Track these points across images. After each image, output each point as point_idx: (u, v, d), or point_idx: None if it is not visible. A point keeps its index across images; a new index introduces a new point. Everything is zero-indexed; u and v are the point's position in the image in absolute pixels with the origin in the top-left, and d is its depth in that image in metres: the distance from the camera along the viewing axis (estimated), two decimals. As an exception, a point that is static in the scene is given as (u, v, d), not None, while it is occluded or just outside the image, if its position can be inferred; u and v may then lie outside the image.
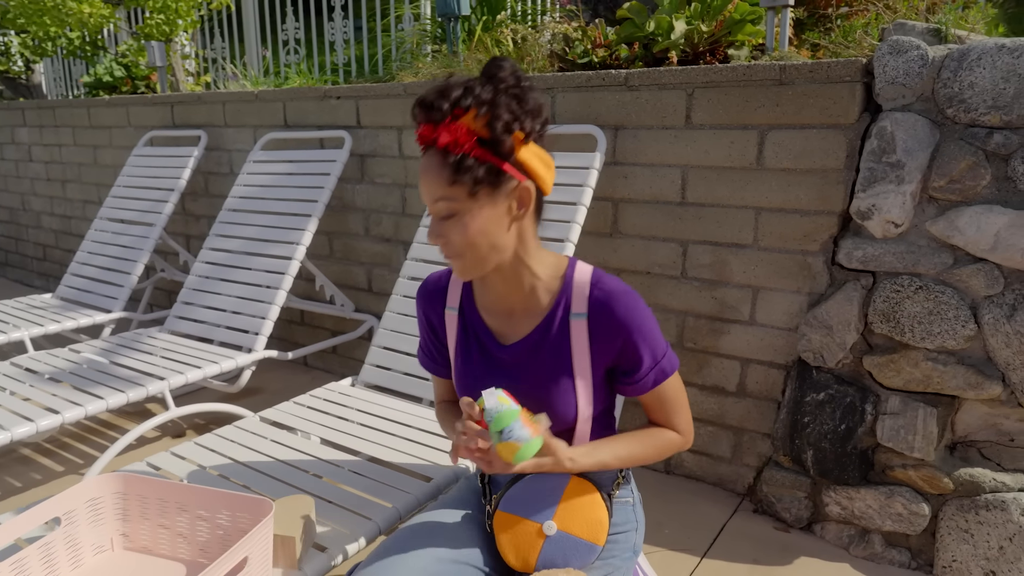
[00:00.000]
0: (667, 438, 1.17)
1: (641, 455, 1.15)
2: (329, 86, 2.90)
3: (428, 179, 1.03)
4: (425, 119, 1.01)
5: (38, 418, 1.86)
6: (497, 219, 1.04)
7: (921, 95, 1.70)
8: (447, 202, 1.02)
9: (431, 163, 1.02)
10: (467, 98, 0.99)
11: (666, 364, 1.13)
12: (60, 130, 4.26)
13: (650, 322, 1.11)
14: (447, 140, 0.99)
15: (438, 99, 0.99)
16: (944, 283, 1.69)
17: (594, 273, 1.13)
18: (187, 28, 4.32)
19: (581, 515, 1.13)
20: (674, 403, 1.17)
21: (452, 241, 1.05)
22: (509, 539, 1.15)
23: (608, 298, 1.10)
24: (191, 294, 2.75)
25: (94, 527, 1.24)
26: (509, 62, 1.03)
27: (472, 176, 1.00)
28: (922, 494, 1.78)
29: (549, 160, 1.09)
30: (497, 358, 1.17)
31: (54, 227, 4.54)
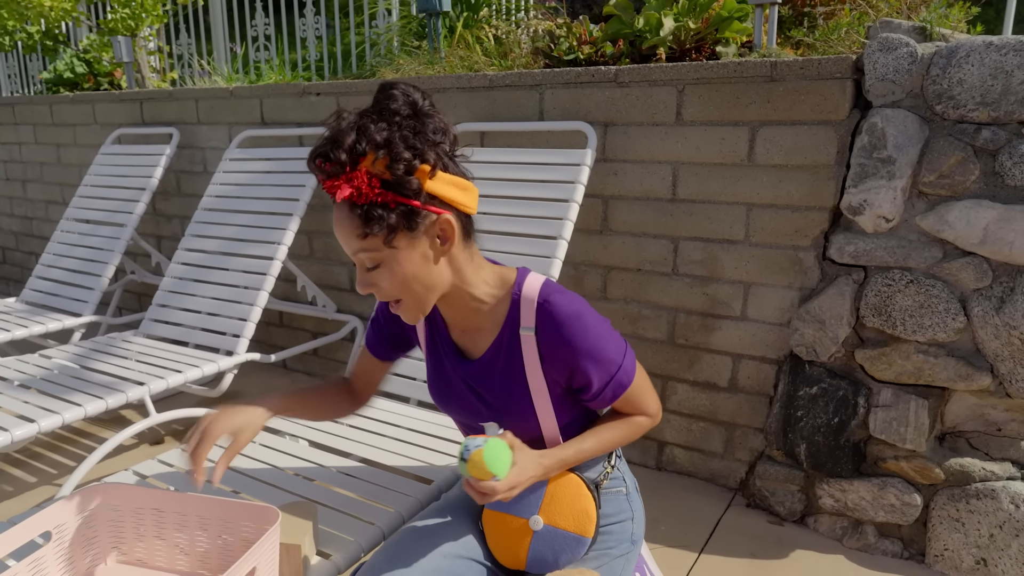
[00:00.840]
0: (636, 423, 1.17)
1: (611, 444, 1.15)
2: (308, 83, 2.84)
3: (341, 232, 0.98)
4: (323, 174, 0.94)
5: (12, 427, 1.78)
6: (423, 259, 1.00)
7: (911, 92, 1.72)
8: (366, 253, 0.98)
9: (340, 215, 0.96)
10: (361, 142, 0.92)
11: (622, 376, 1.10)
12: (20, 128, 4.10)
13: (600, 342, 1.07)
14: (348, 192, 0.93)
15: (333, 149, 0.92)
16: (934, 277, 1.72)
17: (543, 288, 1.08)
18: (153, 23, 4.20)
19: (567, 508, 1.13)
20: (638, 397, 1.15)
21: (383, 289, 1.01)
22: (498, 537, 1.15)
23: (555, 322, 1.05)
24: (167, 296, 2.67)
25: (87, 541, 1.19)
26: (401, 87, 0.97)
27: (385, 224, 0.95)
28: (914, 485, 1.80)
29: (465, 183, 1.02)
30: (462, 372, 1.16)
31: (14, 228, 4.37)
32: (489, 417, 1.15)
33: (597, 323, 1.08)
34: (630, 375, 1.11)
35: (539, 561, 1.13)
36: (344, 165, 0.92)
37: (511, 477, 1.00)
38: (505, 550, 1.14)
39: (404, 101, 0.95)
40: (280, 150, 2.82)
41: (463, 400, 1.17)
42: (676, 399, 2.20)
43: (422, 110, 0.97)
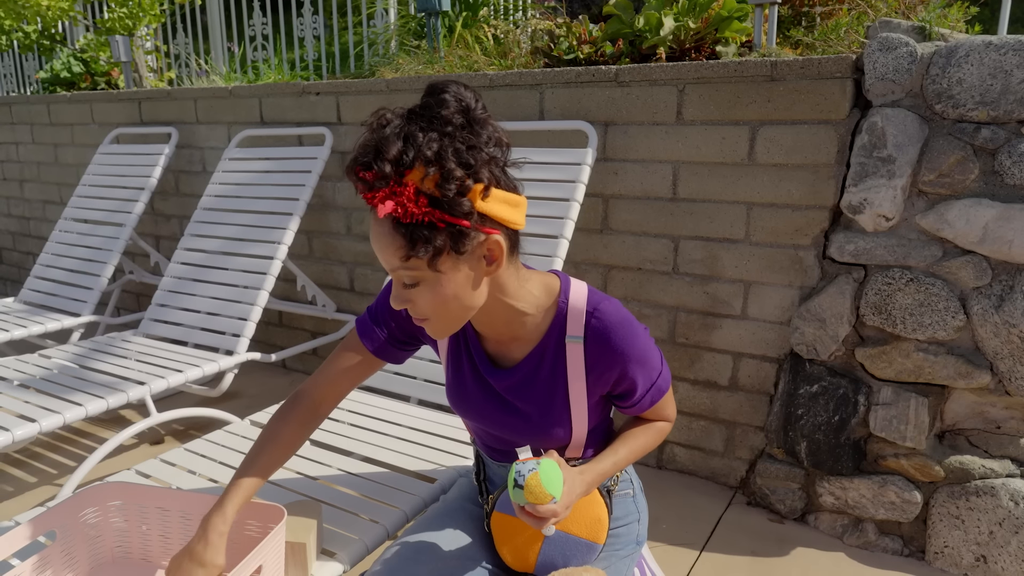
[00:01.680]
0: (659, 429, 1.17)
1: (640, 452, 1.15)
2: (308, 82, 2.84)
3: (381, 249, 0.89)
4: (364, 185, 0.86)
5: (13, 427, 1.77)
6: (466, 281, 0.92)
7: (910, 91, 1.73)
8: (408, 272, 0.90)
9: (381, 230, 0.88)
10: (408, 152, 0.84)
11: (662, 383, 1.11)
12: (17, 127, 4.09)
13: (647, 348, 1.05)
14: (392, 208, 0.85)
15: (376, 159, 0.84)
16: (934, 275, 1.73)
17: (590, 297, 1.05)
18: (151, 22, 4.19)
19: (581, 514, 1.12)
20: (666, 402, 1.16)
21: (420, 307, 0.94)
22: (507, 540, 1.14)
23: (606, 330, 1.02)
24: (166, 296, 2.66)
25: (91, 539, 1.19)
26: (453, 91, 0.88)
27: (429, 248, 0.86)
28: (914, 482, 1.81)
29: (516, 199, 0.94)
30: (490, 382, 1.11)
31: (11, 229, 4.36)
32: (519, 424, 1.10)
33: (642, 329, 1.07)
34: (668, 381, 1.12)
35: (548, 565, 1.12)
36: (388, 178, 0.84)
37: (564, 497, 0.96)
38: (515, 553, 1.13)
39: (457, 107, 0.87)
40: (280, 149, 2.82)
41: (489, 408, 1.13)
42: (677, 398, 2.21)
43: (476, 117, 0.89)
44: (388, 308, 1.16)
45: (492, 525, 1.15)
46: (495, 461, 1.19)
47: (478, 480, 1.23)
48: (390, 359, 1.19)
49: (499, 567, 1.17)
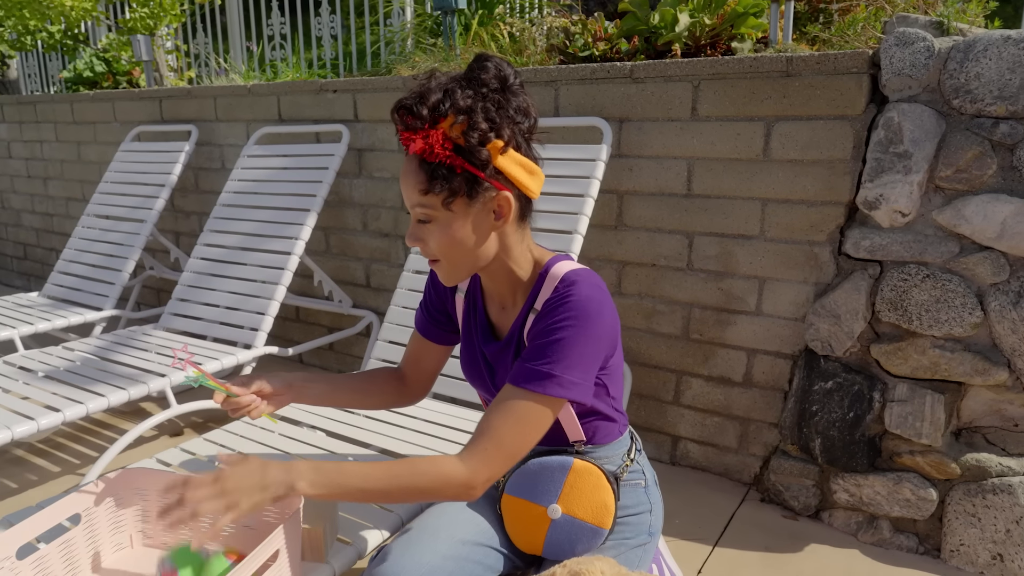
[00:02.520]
0: (439, 466, 0.99)
1: (405, 483, 0.99)
2: (325, 80, 2.87)
3: (405, 183, 1.02)
4: (403, 125, 0.98)
5: (39, 416, 1.82)
6: (474, 228, 1.03)
7: (927, 86, 1.72)
8: (423, 208, 1.01)
9: (409, 168, 1.01)
10: (445, 103, 0.96)
11: (539, 375, 1.00)
12: (41, 126, 4.16)
13: (572, 337, 1.01)
14: (421, 147, 0.97)
15: (417, 104, 0.96)
16: (951, 271, 1.72)
17: (568, 274, 1.07)
18: (171, 22, 4.25)
19: (586, 499, 1.14)
20: (498, 419, 1.01)
21: (429, 246, 1.05)
22: (516, 522, 1.17)
23: (563, 296, 1.03)
24: (186, 291, 2.71)
25: (114, 524, 1.21)
26: (495, 61, 1.00)
27: (447, 187, 0.98)
28: (929, 480, 1.80)
29: (532, 166, 1.04)
30: (484, 351, 1.19)
31: (35, 225, 4.44)
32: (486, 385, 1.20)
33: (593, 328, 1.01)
34: (544, 388, 1.00)
35: (555, 548, 1.14)
36: (424, 121, 0.96)
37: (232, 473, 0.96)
38: (523, 535, 1.16)
39: (495, 74, 0.98)
40: (297, 147, 2.85)
41: (486, 376, 1.20)
42: (691, 394, 2.21)
43: (510, 87, 1.00)
44: (428, 289, 1.30)
45: (503, 507, 1.18)
46: None
47: None
48: (434, 338, 1.31)
49: (515, 553, 1.19)
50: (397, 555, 1.06)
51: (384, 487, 0.99)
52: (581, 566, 1.00)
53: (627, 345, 2.29)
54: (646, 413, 2.30)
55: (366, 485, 0.99)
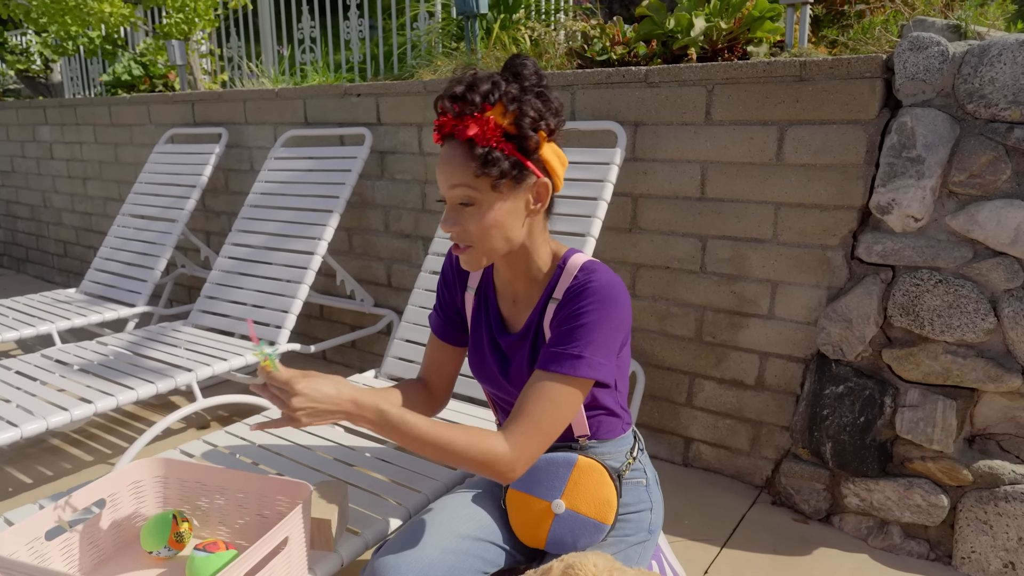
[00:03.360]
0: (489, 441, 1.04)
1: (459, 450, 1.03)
2: (349, 84, 2.94)
3: (451, 168, 1.05)
4: (455, 111, 1.03)
5: (72, 407, 1.91)
6: (513, 212, 1.08)
7: (941, 91, 1.72)
8: (467, 190, 1.05)
9: (454, 153, 1.05)
10: (495, 93, 1.02)
11: (570, 359, 1.06)
12: (81, 128, 4.32)
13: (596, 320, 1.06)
14: (475, 132, 1.02)
15: (468, 91, 1.02)
16: (964, 277, 1.71)
17: (587, 263, 1.13)
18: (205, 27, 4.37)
19: (589, 494, 1.17)
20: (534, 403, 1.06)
21: (467, 230, 1.08)
22: (520, 516, 1.20)
23: (583, 283, 1.09)
24: (214, 288, 2.80)
25: (137, 510, 1.28)
26: (531, 60, 1.07)
27: (498, 169, 1.03)
28: (941, 486, 1.79)
29: (564, 159, 1.14)
30: (498, 344, 1.23)
31: (75, 224, 4.61)
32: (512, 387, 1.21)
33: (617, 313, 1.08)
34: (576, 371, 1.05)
35: (558, 542, 1.17)
36: (476, 107, 1.02)
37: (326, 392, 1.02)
38: (526, 529, 1.19)
39: (534, 71, 1.06)
40: (322, 149, 2.93)
41: (497, 369, 1.23)
42: (703, 396, 2.22)
43: (545, 85, 1.07)
44: (441, 291, 1.34)
45: (507, 501, 1.21)
46: None
47: None
48: (453, 340, 1.33)
49: (516, 548, 1.23)
50: (398, 548, 1.10)
51: (437, 449, 1.04)
52: (575, 560, 1.04)
53: (640, 346, 2.31)
54: (659, 414, 2.32)
55: (423, 443, 1.04)
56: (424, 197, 2.79)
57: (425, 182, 2.78)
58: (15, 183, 5.04)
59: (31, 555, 1.10)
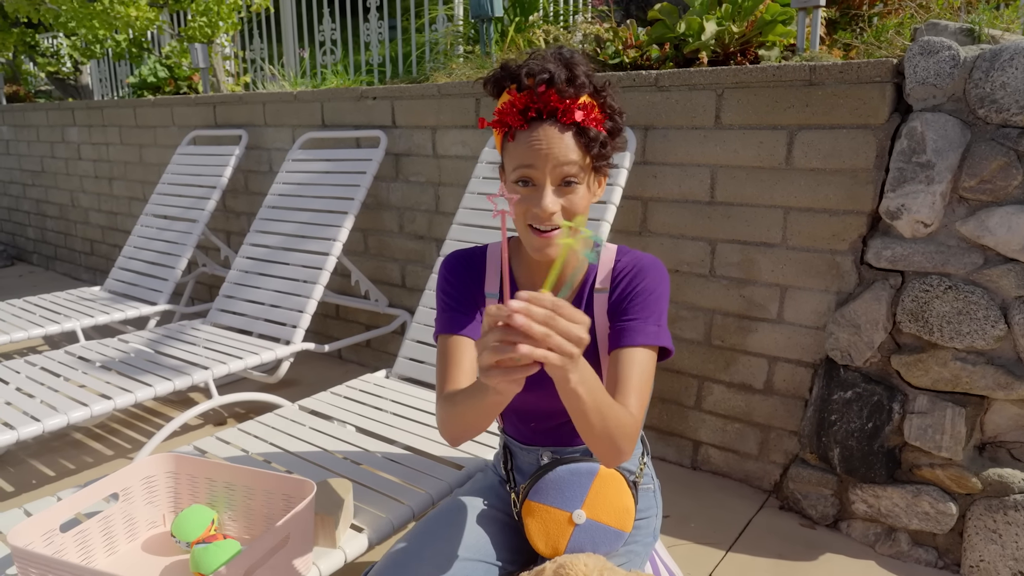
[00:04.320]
0: (628, 414, 1.03)
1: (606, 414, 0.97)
2: (365, 87, 2.98)
3: (560, 146, 1.02)
4: (557, 92, 1.01)
5: (92, 403, 1.97)
6: (589, 195, 1.09)
7: (952, 95, 1.70)
8: (575, 168, 1.03)
9: (554, 132, 1.02)
10: (591, 77, 1.04)
11: (659, 333, 1.11)
12: (108, 129, 4.42)
13: (661, 291, 1.13)
14: (584, 112, 1.02)
15: (571, 73, 1.01)
16: (974, 283, 1.69)
17: (620, 247, 1.18)
18: (228, 30, 4.45)
19: (609, 503, 1.17)
20: (637, 379, 1.07)
21: (568, 209, 1.05)
22: (539, 527, 1.17)
23: (631, 263, 1.15)
24: (232, 288, 2.86)
25: (148, 504, 1.33)
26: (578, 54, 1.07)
27: (599, 151, 1.05)
28: (950, 493, 1.78)
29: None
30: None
31: (101, 223, 4.72)
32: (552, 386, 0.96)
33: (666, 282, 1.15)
34: (660, 339, 1.11)
35: (578, 551, 1.14)
36: (586, 88, 1.02)
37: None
38: (545, 540, 1.16)
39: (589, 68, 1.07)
40: (338, 151, 2.97)
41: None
42: (712, 400, 2.22)
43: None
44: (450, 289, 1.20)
45: (524, 512, 1.18)
46: (523, 445, 1.25)
47: (505, 469, 1.29)
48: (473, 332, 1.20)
49: (509, 562, 1.20)
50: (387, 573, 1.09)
51: (607, 414, 0.96)
52: (566, 560, 1.05)
53: (650, 349, 2.32)
54: (668, 417, 2.33)
55: (602, 408, 0.95)
56: (438, 199, 2.83)
57: (439, 184, 2.81)
58: (45, 183, 5.18)
59: (47, 546, 1.14)
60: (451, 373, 1.16)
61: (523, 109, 1.03)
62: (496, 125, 1.08)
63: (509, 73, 1.05)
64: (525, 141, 1.03)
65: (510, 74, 1.05)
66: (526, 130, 1.04)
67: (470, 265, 1.23)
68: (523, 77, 1.03)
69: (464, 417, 1.06)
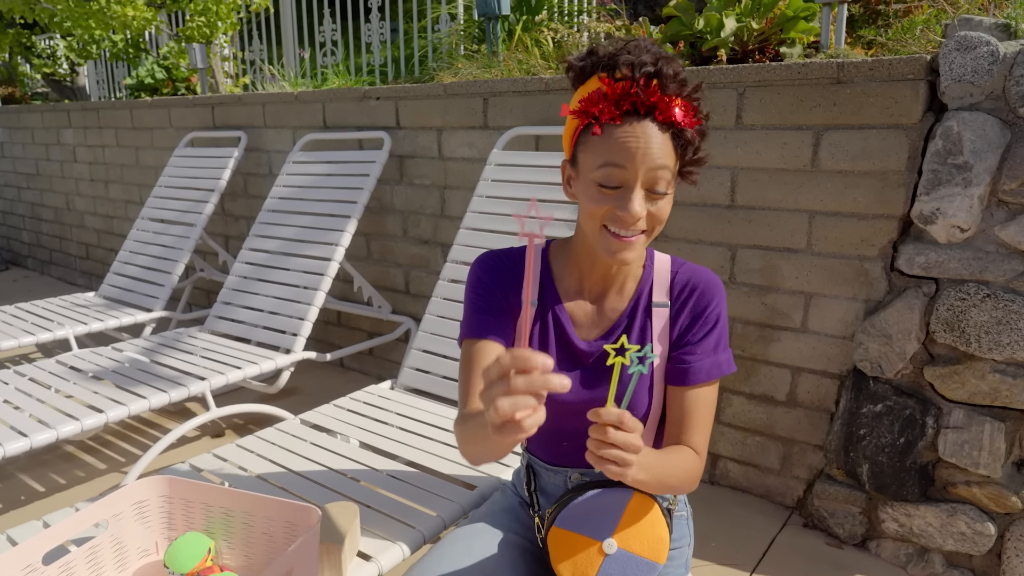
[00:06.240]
0: (693, 459, 1.04)
1: (678, 474, 0.99)
2: (368, 87, 2.89)
3: (656, 148, 0.93)
4: (661, 86, 0.91)
5: (83, 417, 1.87)
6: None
7: (991, 93, 1.62)
8: (668, 172, 0.95)
9: (653, 131, 0.93)
10: (686, 79, 0.95)
11: (723, 361, 1.06)
12: (104, 131, 4.33)
13: (725, 313, 1.08)
14: (682, 113, 0.93)
15: (675, 71, 0.92)
16: (1014, 291, 1.61)
17: (673, 259, 1.11)
18: (227, 30, 4.37)
19: (642, 533, 1.08)
20: (702, 414, 1.05)
21: (653, 216, 0.97)
22: (566, 557, 1.08)
23: (691, 278, 1.07)
24: (231, 294, 2.76)
25: (140, 531, 1.23)
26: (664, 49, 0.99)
27: (691, 157, 0.97)
28: (987, 513, 1.69)
29: None
30: (579, 352, 1.10)
31: (97, 227, 4.63)
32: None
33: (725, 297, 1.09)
34: (729, 368, 1.07)
35: None
36: (686, 87, 0.94)
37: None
38: (572, 571, 1.07)
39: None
40: (340, 153, 2.88)
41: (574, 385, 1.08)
42: (731, 412, 2.13)
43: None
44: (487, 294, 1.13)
45: (550, 540, 1.08)
46: (549, 466, 1.16)
47: (528, 491, 1.20)
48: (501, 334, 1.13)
49: None
50: None
51: (668, 480, 0.96)
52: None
53: (666, 359, 2.23)
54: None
55: (663, 477, 0.95)
56: (443, 202, 2.74)
57: (444, 187, 2.72)
58: (40, 186, 5.08)
59: (28, 580, 1.05)
60: (476, 384, 1.07)
61: (617, 100, 0.92)
62: (579, 115, 0.96)
63: (604, 59, 0.93)
64: (617, 137, 0.92)
65: (606, 60, 0.93)
66: (618, 124, 0.93)
67: (507, 267, 1.13)
68: (621, 65, 0.92)
69: (479, 446, 0.97)
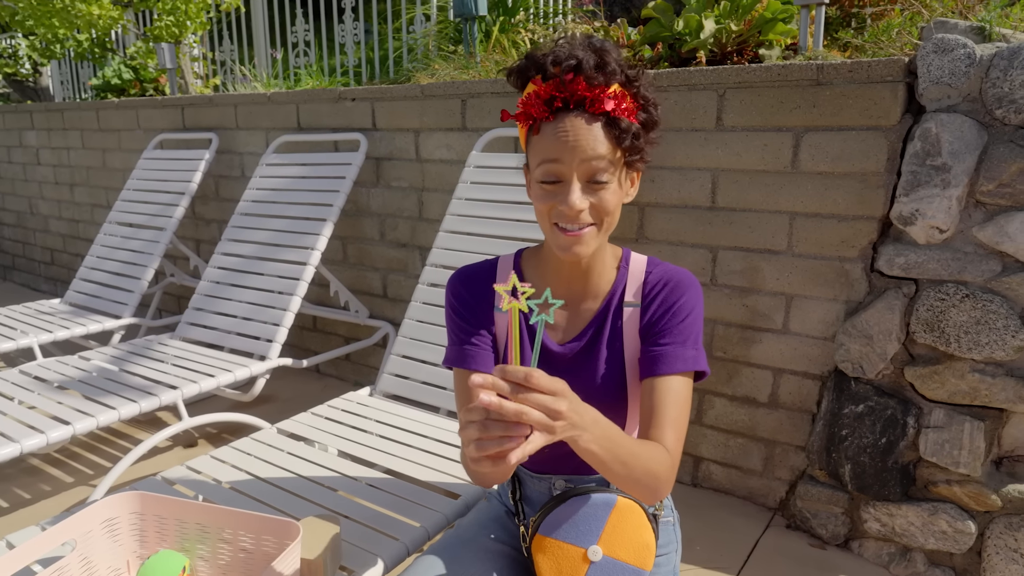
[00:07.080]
0: (662, 454, 0.98)
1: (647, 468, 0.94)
2: (344, 88, 2.84)
3: (589, 139, 0.94)
4: (587, 81, 0.93)
5: (48, 429, 1.80)
6: (621, 193, 1.00)
7: (968, 95, 1.63)
8: (604, 161, 0.95)
9: (581, 123, 0.94)
10: (621, 67, 0.95)
11: (693, 357, 1.03)
12: (68, 133, 4.21)
13: (698, 311, 1.06)
14: (615, 103, 0.93)
15: (601, 62, 0.93)
16: (992, 291, 1.62)
17: (650, 260, 1.10)
18: (197, 30, 4.27)
19: (627, 539, 1.06)
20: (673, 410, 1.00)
21: (597, 207, 0.97)
22: (550, 564, 1.07)
23: (664, 276, 1.07)
24: (203, 300, 2.69)
25: (110, 549, 1.18)
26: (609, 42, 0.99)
27: (631, 145, 0.96)
28: (968, 511, 1.70)
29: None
30: (554, 355, 1.10)
31: (62, 231, 4.50)
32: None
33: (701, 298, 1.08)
34: (698, 365, 1.03)
35: None
36: (615, 77, 0.94)
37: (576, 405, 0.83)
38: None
39: (620, 55, 0.98)
40: (316, 155, 2.83)
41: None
42: (713, 414, 2.13)
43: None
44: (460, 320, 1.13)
45: (534, 548, 1.07)
46: (533, 474, 1.15)
47: (513, 499, 1.18)
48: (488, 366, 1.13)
49: None
50: None
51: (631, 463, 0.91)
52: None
53: (648, 362, 2.22)
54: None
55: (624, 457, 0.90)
56: (421, 205, 2.70)
57: (422, 189, 2.68)
58: (1, 189, 4.93)
59: (-11, 606, 0.99)
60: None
61: (548, 99, 0.94)
62: (520, 117, 0.98)
63: (534, 62, 0.96)
64: (551, 133, 0.95)
65: (535, 63, 0.96)
66: (551, 121, 0.95)
67: (478, 283, 1.13)
68: (549, 65, 0.94)
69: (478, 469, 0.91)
